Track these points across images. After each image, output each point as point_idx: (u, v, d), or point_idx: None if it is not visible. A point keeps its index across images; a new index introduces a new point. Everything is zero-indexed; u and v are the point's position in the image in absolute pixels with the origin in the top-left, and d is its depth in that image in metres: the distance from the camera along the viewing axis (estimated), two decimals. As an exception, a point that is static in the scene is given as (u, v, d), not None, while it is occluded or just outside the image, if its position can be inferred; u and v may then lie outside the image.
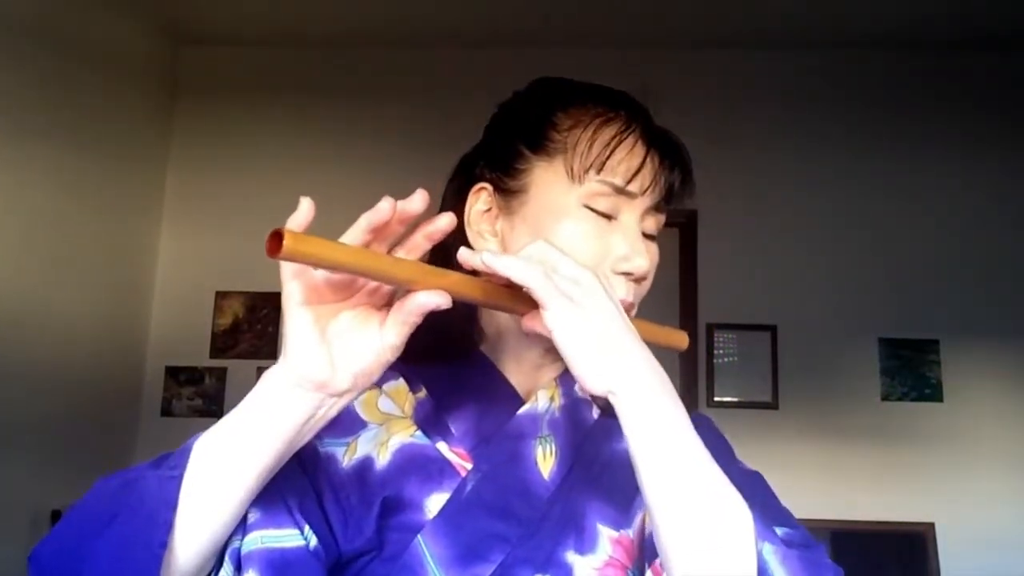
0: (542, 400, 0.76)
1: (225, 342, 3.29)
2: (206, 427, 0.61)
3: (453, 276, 0.60)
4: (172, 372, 3.28)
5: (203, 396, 3.24)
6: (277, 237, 0.50)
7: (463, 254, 0.63)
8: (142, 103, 3.33)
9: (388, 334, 0.59)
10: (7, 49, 2.52)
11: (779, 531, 0.65)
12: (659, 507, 0.59)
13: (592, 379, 0.59)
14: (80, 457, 2.83)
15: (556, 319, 0.59)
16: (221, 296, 3.33)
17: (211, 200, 3.43)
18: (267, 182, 3.40)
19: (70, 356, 2.79)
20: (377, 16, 3.30)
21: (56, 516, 2.66)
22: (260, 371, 0.63)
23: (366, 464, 0.70)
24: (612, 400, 0.60)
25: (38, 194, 2.66)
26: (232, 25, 3.42)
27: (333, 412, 0.60)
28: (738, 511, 0.59)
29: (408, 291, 0.58)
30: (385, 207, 0.56)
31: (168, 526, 0.57)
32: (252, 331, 3.28)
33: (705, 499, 0.59)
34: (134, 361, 3.24)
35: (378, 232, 0.57)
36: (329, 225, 0.60)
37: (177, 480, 0.59)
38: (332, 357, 0.58)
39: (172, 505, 0.58)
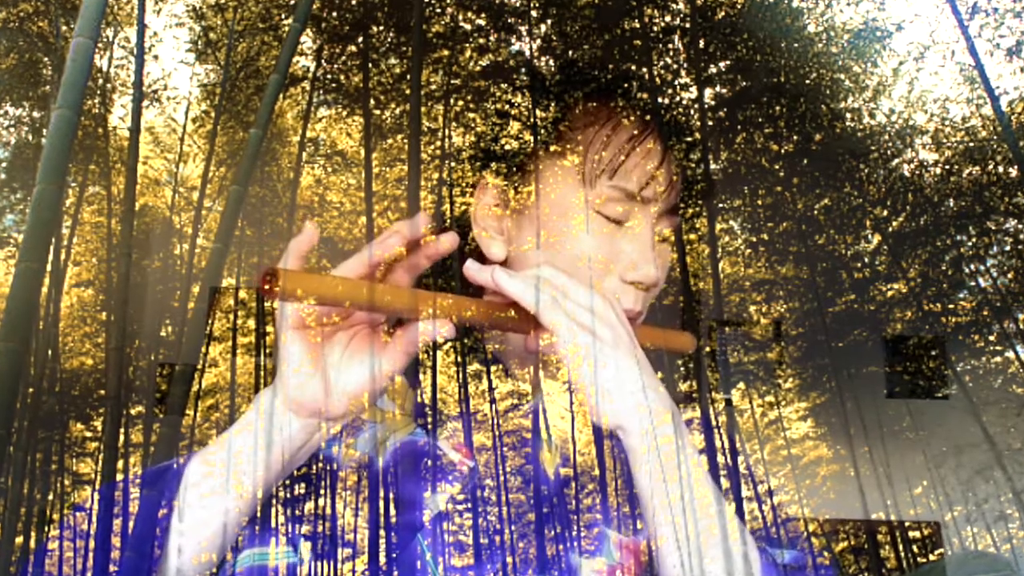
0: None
1: (221, 340, 3.25)
2: (201, 426, 0.61)
3: (453, 301, 0.58)
4: (166, 370, 3.24)
5: (198, 394, 3.20)
6: (271, 276, 0.47)
7: (470, 269, 0.61)
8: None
9: (387, 362, 0.57)
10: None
11: (786, 554, 0.66)
12: (665, 543, 0.58)
13: (601, 412, 0.58)
14: (72, 456, 2.80)
15: (568, 348, 0.58)
16: (217, 293, 3.29)
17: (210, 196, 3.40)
18: (266, 176, 3.36)
19: (61, 354, 2.76)
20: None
21: (45, 515, 2.61)
22: (257, 368, 0.61)
23: (365, 464, 0.69)
24: (620, 435, 0.58)
25: (32, 190, 2.62)
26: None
27: (328, 435, 0.60)
28: (743, 549, 0.59)
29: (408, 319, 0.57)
30: (394, 243, 0.55)
31: (159, 549, 0.57)
32: (248, 328, 3.24)
33: (709, 539, 0.58)
34: (127, 359, 3.21)
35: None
36: (332, 221, 0.57)
37: (169, 505, 0.58)
38: (327, 383, 0.56)
39: (163, 530, 0.57)
